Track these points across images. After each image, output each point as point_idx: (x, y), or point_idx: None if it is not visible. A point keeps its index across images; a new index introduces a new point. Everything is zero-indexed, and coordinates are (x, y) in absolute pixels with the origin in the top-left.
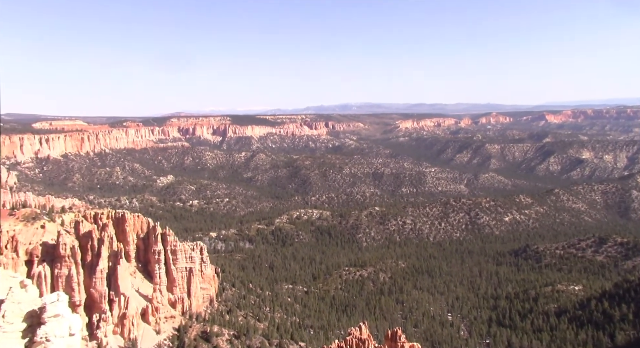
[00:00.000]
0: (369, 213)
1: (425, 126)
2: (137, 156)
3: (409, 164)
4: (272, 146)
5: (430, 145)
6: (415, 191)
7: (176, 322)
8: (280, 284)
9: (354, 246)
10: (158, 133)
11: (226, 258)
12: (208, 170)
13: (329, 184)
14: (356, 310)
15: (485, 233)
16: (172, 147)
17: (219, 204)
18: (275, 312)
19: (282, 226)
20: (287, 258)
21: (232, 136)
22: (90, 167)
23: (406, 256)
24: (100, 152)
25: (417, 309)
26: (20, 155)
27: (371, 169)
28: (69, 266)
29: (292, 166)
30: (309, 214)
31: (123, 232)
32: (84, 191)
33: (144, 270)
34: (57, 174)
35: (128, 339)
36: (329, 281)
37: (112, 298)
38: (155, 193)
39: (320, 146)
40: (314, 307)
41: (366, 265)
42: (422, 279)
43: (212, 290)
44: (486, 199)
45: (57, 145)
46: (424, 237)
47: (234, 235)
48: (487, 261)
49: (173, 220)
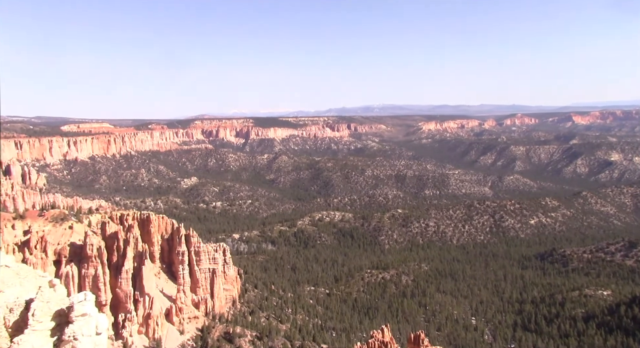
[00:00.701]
0: (392, 215)
1: (448, 127)
2: (162, 158)
3: (432, 166)
4: (294, 148)
5: (454, 147)
6: (439, 194)
7: (199, 323)
8: (302, 286)
9: (376, 248)
10: (182, 135)
11: (249, 260)
12: (231, 172)
13: (351, 186)
14: (378, 313)
15: (510, 236)
16: (195, 149)
17: (241, 206)
18: (297, 313)
19: (304, 228)
20: (309, 260)
21: (254, 138)
22: (116, 169)
23: (429, 259)
24: (126, 154)
25: (440, 312)
26: (49, 157)
27: (394, 171)
28: (96, 266)
29: (315, 168)
30: (331, 216)
31: (148, 233)
32: (110, 193)
33: (168, 271)
34: (84, 176)
35: (153, 339)
36: (351, 283)
37: (137, 298)
38: (179, 194)
39: (342, 148)
40: (336, 309)
41: (388, 268)
42: (445, 282)
43: (234, 291)
44: (511, 202)
45: (84, 147)
46: (447, 240)
47: (257, 237)
48: (512, 264)
49: (197, 221)
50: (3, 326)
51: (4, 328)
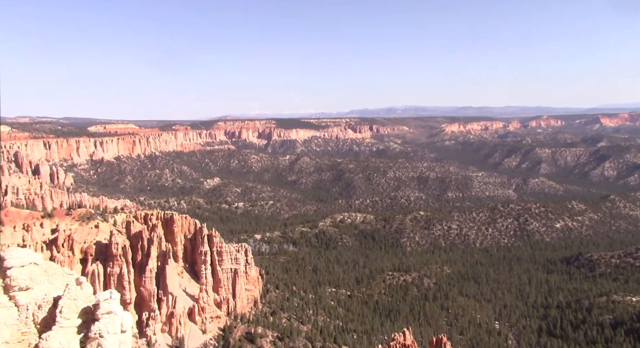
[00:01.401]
0: (414, 217)
1: (472, 129)
2: (185, 158)
3: (455, 168)
4: (316, 149)
5: (477, 149)
6: (462, 196)
7: (221, 322)
8: (323, 287)
9: (397, 250)
10: (205, 136)
11: (270, 260)
12: (253, 173)
13: (373, 188)
14: (400, 316)
15: (535, 239)
16: (218, 150)
17: (263, 207)
18: (318, 315)
19: (325, 230)
20: (331, 262)
21: (276, 139)
22: (141, 169)
23: (451, 262)
24: (151, 154)
25: (463, 316)
26: (76, 157)
27: (416, 173)
28: (121, 265)
29: (336, 169)
30: (353, 217)
31: (171, 233)
32: (135, 193)
33: (190, 271)
34: (110, 176)
35: (175, 338)
36: (372, 285)
37: (160, 297)
38: (202, 194)
39: (364, 150)
40: (357, 311)
41: (410, 270)
42: (468, 285)
43: (256, 292)
44: (536, 205)
45: (110, 148)
46: (470, 243)
47: (278, 238)
48: (537, 268)
49: (219, 221)
50: (32, 322)
51: (33, 325)
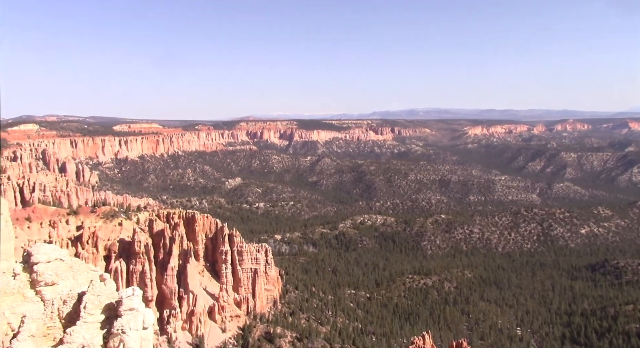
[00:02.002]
0: (435, 220)
1: (495, 132)
2: (208, 158)
3: (478, 171)
4: (337, 150)
5: (501, 152)
6: (484, 200)
7: (241, 322)
8: (342, 289)
9: (418, 253)
10: (227, 136)
11: (290, 261)
12: (274, 173)
13: (393, 190)
14: (419, 319)
15: (559, 245)
16: (240, 150)
17: (284, 207)
18: (337, 316)
19: (345, 231)
20: (350, 263)
21: (298, 140)
22: (164, 168)
23: (473, 266)
24: (174, 154)
25: (484, 321)
26: (101, 156)
27: (438, 175)
28: (143, 262)
29: (357, 171)
30: (373, 219)
31: (193, 232)
32: (157, 191)
33: (211, 270)
34: (134, 175)
35: (195, 336)
36: (392, 288)
37: (181, 295)
38: (223, 194)
39: (385, 152)
40: (377, 313)
41: (431, 274)
42: (489, 290)
43: (275, 292)
44: (560, 210)
45: (134, 147)
46: (492, 247)
47: (298, 238)
48: (560, 275)
49: (240, 221)
50: (57, 317)
51: (58, 319)
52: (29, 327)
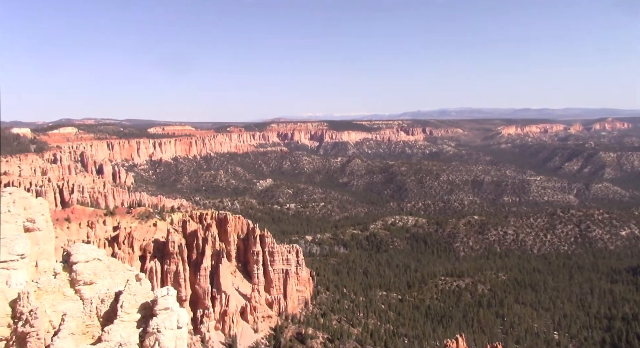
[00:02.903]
0: (467, 221)
1: (530, 132)
2: (239, 159)
3: (512, 171)
4: (368, 151)
5: (536, 152)
6: (518, 201)
7: (272, 322)
8: (374, 290)
9: (450, 255)
10: (259, 137)
11: (321, 262)
12: (305, 174)
13: (425, 191)
14: (452, 322)
15: (598, 247)
16: (271, 151)
17: (314, 208)
18: (369, 318)
19: (376, 232)
20: (382, 265)
21: (328, 141)
22: (197, 170)
23: (507, 268)
24: (206, 155)
25: (519, 325)
26: (137, 158)
27: (470, 176)
28: (177, 263)
29: (388, 171)
30: (404, 221)
31: (225, 232)
32: (190, 192)
33: (243, 270)
34: (168, 176)
35: (228, 335)
36: (424, 290)
37: (214, 296)
38: (254, 195)
39: (416, 152)
40: (409, 315)
41: (464, 275)
42: (524, 293)
43: (307, 293)
44: (599, 211)
45: (168, 149)
46: (527, 249)
47: (329, 239)
48: (599, 278)
49: (271, 222)
50: (95, 315)
51: (96, 318)
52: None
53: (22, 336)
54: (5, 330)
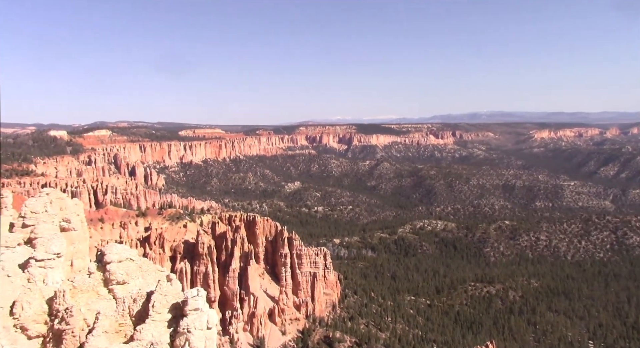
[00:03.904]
0: (498, 226)
1: (564, 135)
2: (268, 162)
3: (544, 176)
4: (396, 155)
5: (570, 157)
6: (551, 206)
7: (300, 325)
8: (402, 295)
9: (480, 260)
10: (287, 140)
11: (349, 265)
12: (333, 177)
13: (454, 195)
14: (482, 328)
15: (636, 255)
16: (299, 154)
17: (342, 212)
18: (397, 322)
19: (405, 236)
20: (410, 269)
21: (357, 145)
22: (226, 172)
23: (539, 275)
24: (235, 158)
25: (552, 333)
26: (168, 160)
27: (501, 180)
28: (206, 264)
29: (417, 175)
30: (433, 225)
31: (253, 234)
32: (220, 195)
33: (271, 272)
34: (198, 178)
35: (257, 337)
36: (453, 295)
37: (242, 297)
38: (283, 198)
39: (446, 156)
40: (438, 320)
41: (494, 281)
42: (557, 301)
43: (334, 296)
44: (637, 218)
45: (198, 151)
46: (561, 255)
47: (357, 243)
48: (637, 286)
49: (299, 225)
50: (128, 315)
51: (129, 317)
52: (102, 323)
53: (58, 333)
54: (42, 327)
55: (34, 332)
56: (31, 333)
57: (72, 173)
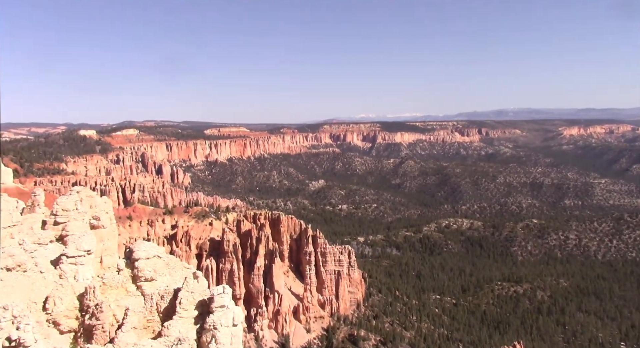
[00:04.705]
0: (526, 225)
1: (594, 132)
2: (292, 160)
3: (574, 174)
4: (421, 152)
5: (600, 154)
6: (581, 204)
7: (325, 323)
8: (427, 294)
9: (507, 259)
10: (311, 138)
11: (373, 264)
12: (357, 176)
13: (480, 194)
14: (510, 328)
15: None
16: (323, 152)
17: (367, 210)
18: (422, 321)
19: (430, 235)
20: (435, 268)
21: (381, 143)
22: (251, 170)
23: (569, 275)
24: (260, 156)
25: (583, 334)
26: (193, 158)
27: (529, 178)
28: (231, 261)
29: (442, 173)
30: (459, 223)
31: (278, 232)
32: (245, 193)
33: (295, 270)
34: (223, 176)
35: (281, 335)
36: (479, 294)
37: (267, 295)
38: (307, 196)
39: (472, 154)
40: (463, 320)
41: (522, 281)
42: (588, 301)
43: (359, 294)
44: None
45: (223, 150)
46: (591, 255)
47: (381, 241)
48: None
49: (323, 223)
50: (156, 311)
51: (157, 313)
52: (131, 319)
53: (88, 328)
54: (73, 322)
55: (65, 327)
56: (63, 328)
57: (101, 171)
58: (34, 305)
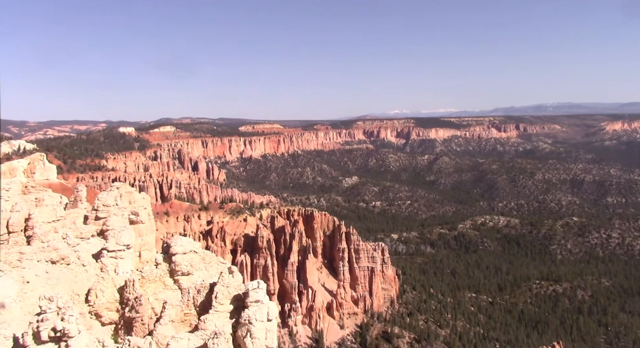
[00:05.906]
0: (565, 223)
1: (639, 127)
2: (325, 157)
3: (617, 170)
4: (456, 149)
5: None
6: (624, 202)
7: (358, 319)
8: (462, 292)
9: (546, 258)
10: (345, 135)
11: (407, 261)
12: (391, 172)
13: (518, 191)
14: (548, 328)
15: None
16: (357, 149)
17: (400, 207)
18: (457, 319)
19: (465, 232)
20: (471, 266)
21: (415, 139)
22: (284, 167)
23: (611, 274)
24: (294, 153)
25: (626, 335)
26: (228, 155)
27: (569, 175)
28: (266, 257)
29: (478, 170)
30: (495, 221)
31: (311, 229)
32: (278, 189)
33: (329, 266)
34: (257, 173)
35: (315, 330)
36: (516, 293)
37: (301, 290)
38: (340, 192)
39: (509, 150)
40: (500, 319)
41: (561, 280)
42: (632, 301)
43: (392, 291)
44: None
45: (258, 146)
46: (635, 254)
47: (415, 238)
48: None
49: (356, 219)
50: (192, 305)
51: (193, 307)
52: (169, 312)
53: (128, 321)
54: (114, 314)
55: (107, 319)
56: (104, 320)
57: (140, 167)
58: (77, 297)
